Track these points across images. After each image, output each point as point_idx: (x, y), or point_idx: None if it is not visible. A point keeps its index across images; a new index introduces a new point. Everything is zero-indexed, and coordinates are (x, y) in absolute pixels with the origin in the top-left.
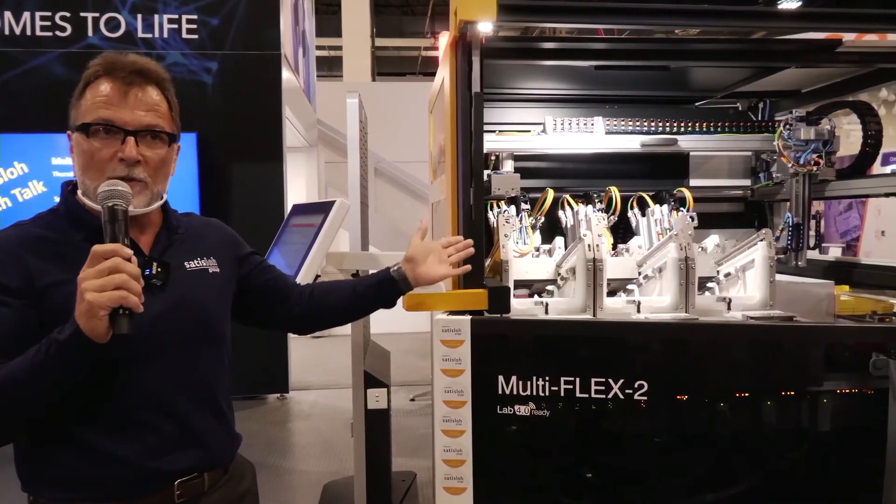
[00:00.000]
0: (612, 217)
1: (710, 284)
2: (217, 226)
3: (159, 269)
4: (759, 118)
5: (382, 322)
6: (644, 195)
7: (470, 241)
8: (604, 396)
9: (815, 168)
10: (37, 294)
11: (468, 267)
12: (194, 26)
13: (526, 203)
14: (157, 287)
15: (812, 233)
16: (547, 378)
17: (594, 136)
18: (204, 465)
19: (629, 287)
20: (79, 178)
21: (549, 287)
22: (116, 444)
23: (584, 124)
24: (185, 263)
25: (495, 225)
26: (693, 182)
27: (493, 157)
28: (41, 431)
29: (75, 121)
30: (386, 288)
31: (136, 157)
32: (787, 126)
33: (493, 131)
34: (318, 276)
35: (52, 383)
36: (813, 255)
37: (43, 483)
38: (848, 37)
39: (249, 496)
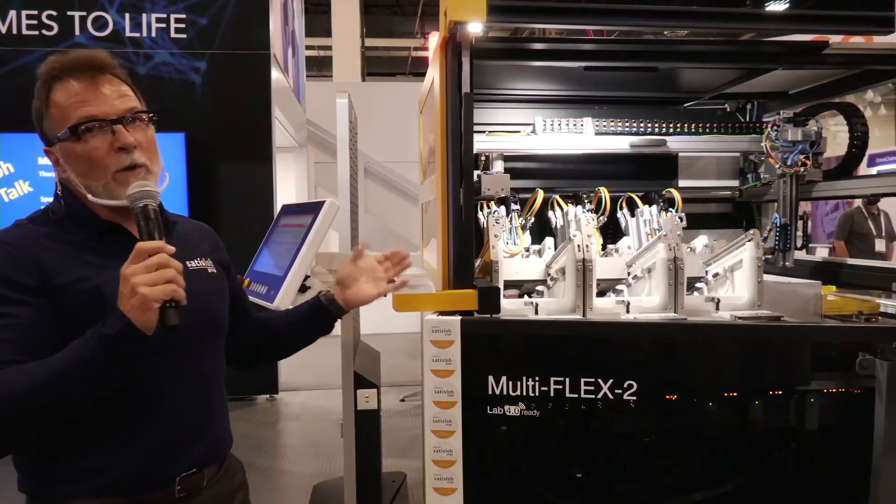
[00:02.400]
0: (601, 217)
1: (698, 285)
2: (207, 230)
3: None
4: (747, 119)
5: (372, 323)
6: (633, 196)
7: (406, 252)
8: (593, 396)
9: (802, 169)
10: (52, 292)
11: (404, 281)
12: (183, 25)
13: (516, 203)
14: None
15: (799, 233)
16: (537, 378)
17: (584, 136)
18: (204, 462)
19: (618, 287)
20: (82, 183)
21: (539, 287)
22: (125, 442)
23: (574, 125)
24: (187, 262)
25: (485, 225)
26: (682, 183)
27: (483, 158)
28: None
29: (54, 131)
30: (316, 313)
31: (133, 142)
32: (775, 127)
33: (483, 132)
34: (307, 277)
35: (102, 378)
36: (800, 255)
37: (44, 480)
38: (835, 39)
39: (242, 491)
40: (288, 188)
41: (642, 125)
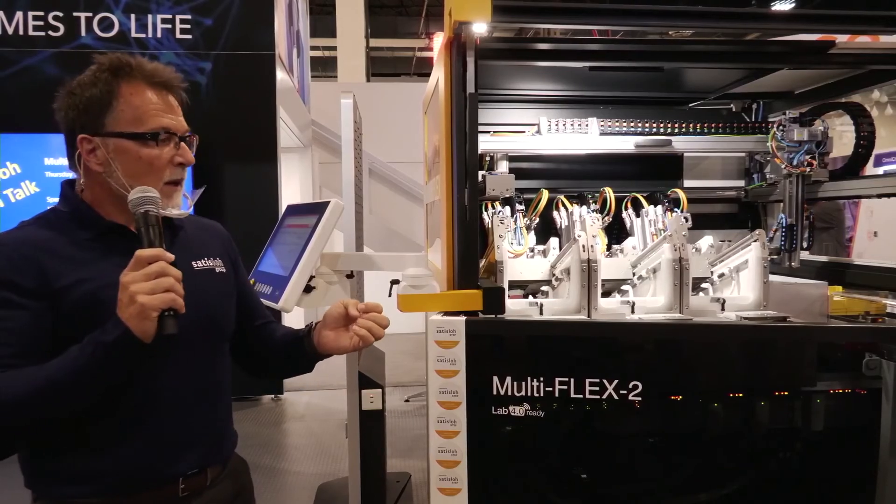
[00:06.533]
0: (606, 218)
1: (704, 285)
2: (218, 227)
3: None
4: (753, 119)
5: None
6: (638, 196)
7: (383, 318)
8: (598, 397)
9: (808, 169)
10: (52, 296)
11: (369, 340)
12: (188, 26)
13: (520, 204)
14: None
15: (805, 234)
16: (541, 379)
17: (588, 136)
18: (207, 462)
19: (623, 288)
20: (126, 181)
21: (544, 288)
22: (123, 442)
23: (579, 125)
24: (192, 263)
25: (490, 226)
26: (687, 183)
27: (487, 158)
28: (52, 428)
29: (117, 126)
30: (296, 341)
31: (192, 160)
32: (781, 127)
33: (488, 132)
34: (312, 277)
35: (98, 384)
36: (806, 255)
37: (49, 479)
38: (840, 38)
39: (245, 492)
40: (292, 188)
41: (647, 125)
